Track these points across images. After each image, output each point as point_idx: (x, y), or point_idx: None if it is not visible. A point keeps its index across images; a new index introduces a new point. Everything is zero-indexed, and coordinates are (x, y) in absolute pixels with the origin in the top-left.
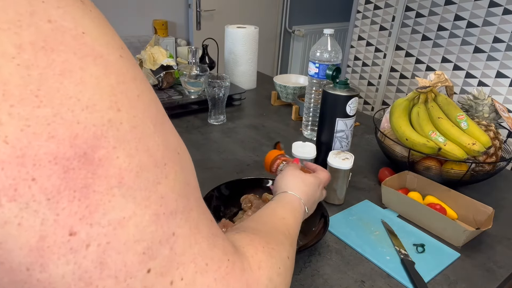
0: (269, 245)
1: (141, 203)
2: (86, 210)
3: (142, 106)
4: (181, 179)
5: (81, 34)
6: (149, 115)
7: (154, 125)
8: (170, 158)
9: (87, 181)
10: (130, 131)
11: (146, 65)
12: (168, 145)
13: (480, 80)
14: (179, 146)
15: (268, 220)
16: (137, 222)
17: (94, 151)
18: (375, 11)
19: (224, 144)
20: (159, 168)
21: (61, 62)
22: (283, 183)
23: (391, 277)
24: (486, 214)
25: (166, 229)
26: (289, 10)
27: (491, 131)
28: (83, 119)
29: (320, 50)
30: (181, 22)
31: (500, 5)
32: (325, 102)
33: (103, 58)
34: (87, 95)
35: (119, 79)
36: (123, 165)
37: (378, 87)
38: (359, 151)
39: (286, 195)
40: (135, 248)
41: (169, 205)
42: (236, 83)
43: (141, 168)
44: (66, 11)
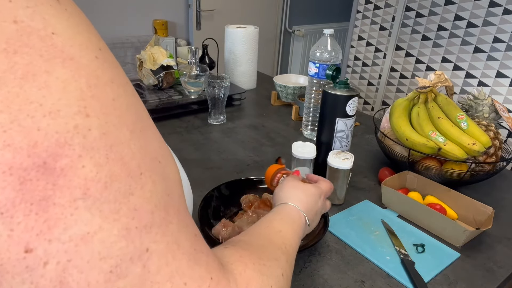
0: (260, 261)
1: (109, 216)
2: (44, 224)
3: (117, 111)
4: (160, 190)
5: (50, 35)
6: (126, 121)
7: (131, 132)
8: (148, 167)
9: (46, 193)
10: (100, 138)
11: (146, 65)
12: (146, 153)
13: (480, 80)
14: (161, 154)
15: (264, 233)
16: (103, 237)
17: (55, 160)
18: (375, 11)
19: (224, 144)
20: (133, 178)
21: (24, 65)
22: (282, 195)
23: (391, 277)
24: (486, 214)
25: (138, 244)
26: (289, 10)
27: (491, 131)
28: (45, 126)
29: (320, 50)
30: (181, 22)
31: (500, 5)
32: (325, 102)
33: (74, 60)
34: (51, 100)
35: (91, 82)
36: (90, 175)
37: (378, 87)
38: (359, 151)
39: (285, 206)
40: (101, 266)
41: (143, 218)
42: (236, 83)
43: (111, 178)
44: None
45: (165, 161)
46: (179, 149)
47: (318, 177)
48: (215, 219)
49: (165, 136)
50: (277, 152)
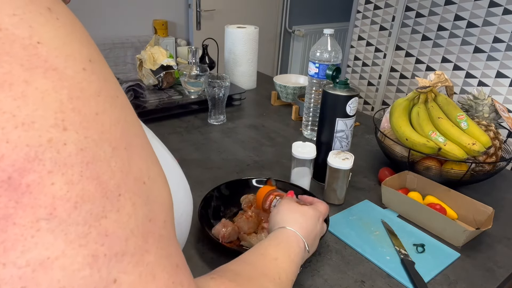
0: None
1: (75, 241)
2: (1, 246)
3: (100, 126)
4: (141, 214)
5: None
6: (109, 137)
7: (113, 149)
8: (129, 188)
9: (7, 211)
10: (76, 154)
11: (146, 65)
12: (129, 172)
13: (480, 80)
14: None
15: (256, 262)
16: (65, 264)
17: (21, 176)
18: (375, 11)
19: (224, 144)
20: (109, 199)
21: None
22: (279, 218)
23: (391, 277)
24: (486, 214)
25: (105, 274)
26: (289, 10)
27: (491, 131)
28: (15, 138)
29: (320, 50)
30: (181, 22)
31: (500, 5)
32: (325, 102)
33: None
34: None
35: (73, 95)
36: (59, 193)
37: (378, 87)
38: (359, 151)
39: (283, 231)
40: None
41: (115, 245)
42: (236, 83)
43: (82, 198)
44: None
45: (153, 182)
46: (179, 149)
47: (312, 199)
48: (215, 219)
49: (165, 136)
50: (277, 152)
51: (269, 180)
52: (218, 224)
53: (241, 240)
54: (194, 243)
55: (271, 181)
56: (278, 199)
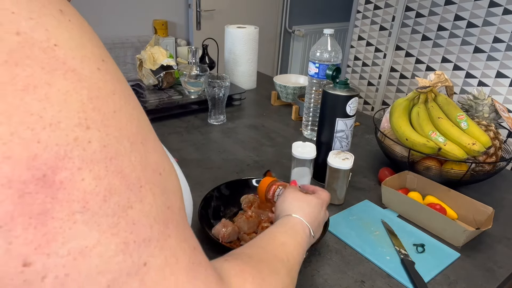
0: (260, 275)
1: (107, 231)
2: (43, 238)
3: (118, 123)
4: (160, 203)
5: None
6: (127, 133)
7: (131, 144)
8: (148, 179)
9: (45, 206)
10: (100, 151)
11: (146, 65)
12: (147, 165)
13: (480, 80)
14: (162, 167)
15: (266, 246)
16: (101, 251)
17: (55, 173)
18: (375, 11)
19: (224, 144)
20: (133, 191)
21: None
22: (286, 206)
23: (391, 277)
24: (486, 214)
25: (136, 259)
26: (289, 10)
27: (491, 131)
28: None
29: (320, 50)
30: (181, 22)
31: (500, 5)
32: (325, 102)
33: (75, 72)
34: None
35: (92, 94)
36: (89, 188)
37: (378, 87)
38: (359, 151)
39: (289, 218)
40: (99, 281)
41: (142, 232)
42: (236, 83)
43: (110, 192)
44: (39, 22)
45: (166, 173)
46: (179, 149)
47: (314, 187)
48: (215, 219)
49: (165, 136)
50: (277, 152)
51: (268, 171)
52: (218, 224)
53: (241, 240)
54: None
55: (271, 172)
56: (281, 188)
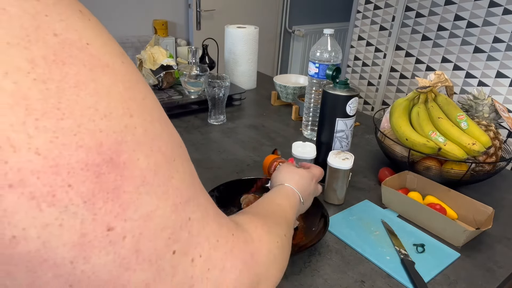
0: (267, 224)
1: (162, 197)
2: (120, 208)
3: (148, 109)
4: (188, 170)
5: (85, 46)
6: (156, 116)
7: (160, 125)
8: (177, 153)
9: (116, 183)
10: (144, 134)
11: (146, 65)
12: (174, 141)
13: (480, 80)
14: (180, 140)
15: (266, 205)
16: (161, 213)
17: (118, 156)
18: (375, 11)
19: (224, 144)
20: (170, 164)
21: (74, 74)
22: (279, 177)
23: (391, 277)
24: (486, 214)
25: (183, 216)
26: (289, 10)
27: (491, 131)
28: (104, 127)
29: (320, 50)
30: (181, 22)
31: (500, 5)
32: (325, 102)
33: (110, 68)
34: (103, 105)
35: (126, 86)
36: (144, 166)
37: (378, 87)
38: (359, 151)
39: (282, 186)
40: (162, 235)
41: (184, 195)
42: (236, 83)
43: (157, 166)
44: (68, 23)
45: (183, 145)
46: None
47: (310, 164)
48: None
49: None
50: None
51: (276, 150)
52: None
53: None
54: None
55: (277, 151)
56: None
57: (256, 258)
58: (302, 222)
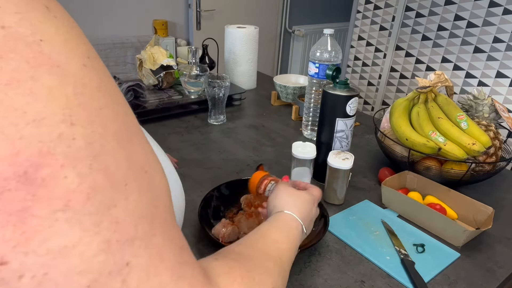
0: (250, 274)
1: (90, 229)
2: (22, 236)
3: (104, 120)
4: (146, 201)
5: (38, 42)
6: (112, 130)
7: (117, 141)
8: (134, 177)
9: (25, 203)
10: (85, 148)
11: (146, 65)
12: (133, 162)
13: (480, 80)
14: (148, 164)
15: (258, 243)
16: (82, 250)
17: (37, 170)
18: (375, 11)
19: (224, 144)
20: (117, 189)
21: (10, 70)
22: (278, 202)
23: (391, 277)
24: (486, 214)
25: (118, 258)
26: (289, 10)
27: (491, 131)
28: (28, 134)
29: (320, 50)
30: (181, 22)
31: (500, 5)
32: (325, 102)
33: (61, 68)
34: (35, 108)
35: (77, 91)
36: (72, 186)
37: (378, 87)
38: (359, 151)
39: (282, 215)
40: (78, 281)
41: (125, 231)
42: (236, 83)
43: (94, 190)
44: (25, 17)
45: (153, 170)
46: (179, 149)
47: (305, 184)
48: (215, 219)
49: (165, 136)
50: (277, 152)
51: (261, 165)
52: (218, 224)
53: None
54: (194, 243)
55: (263, 166)
56: (273, 183)
57: None
58: None
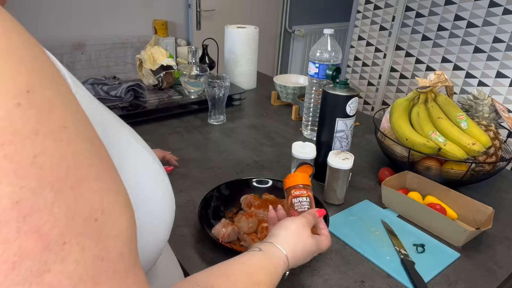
0: None
1: None
2: None
3: (38, 170)
4: (91, 256)
5: None
6: (50, 180)
7: (55, 192)
8: (76, 232)
9: None
10: (11, 209)
11: (146, 65)
12: (76, 214)
13: (480, 80)
14: (101, 209)
15: (238, 281)
16: None
17: None
18: (375, 11)
19: (224, 144)
20: (52, 251)
21: None
22: (284, 235)
23: (391, 277)
24: (486, 214)
25: None
26: (289, 10)
27: (491, 131)
28: None
29: (320, 50)
30: (181, 22)
31: (500, 5)
32: (325, 102)
33: None
34: None
35: (4, 140)
36: None
37: (378, 87)
38: (359, 151)
39: (278, 253)
40: None
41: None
42: (236, 83)
43: (20, 257)
44: None
45: (107, 216)
46: (179, 149)
47: (323, 230)
48: (215, 219)
49: (165, 136)
50: (277, 152)
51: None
52: (218, 224)
53: (241, 240)
54: (194, 243)
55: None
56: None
57: None
58: None
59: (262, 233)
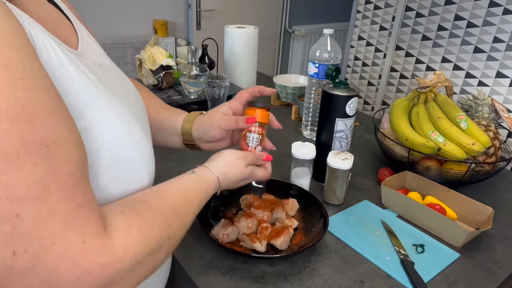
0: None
1: None
2: None
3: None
4: (42, 170)
5: None
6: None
7: (12, 123)
8: (29, 151)
9: None
10: None
11: (146, 65)
12: (30, 140)
13: (480, 80)
14: (52, 139)
15: (174, 197)
16: None
17: None
18: (375, 11)
19: None
20: (8, 162)
21: None
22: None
23: (390, 277)
24: (486, 214)
25: (8, 210)
26: (289, 10)
27: (491, 131)
28: None
29: (320, 50)
30: (181, 22)
31: (500, 5)
32: (325, 102)
33: None
34: None
35: None
36: None
37: (378, 87)
38: (359, 151)
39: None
40: None
41: (15, 192)
42: (236, 83)
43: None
44: None
45: (58, 146)
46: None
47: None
48: (214, 220)
49: None
50: (276, 152)
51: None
52: (217, 225)
53: (240, 241)
54: (193, 243)
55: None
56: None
57: (110, 269)
58: (301, 222)
59: (261, 233)
